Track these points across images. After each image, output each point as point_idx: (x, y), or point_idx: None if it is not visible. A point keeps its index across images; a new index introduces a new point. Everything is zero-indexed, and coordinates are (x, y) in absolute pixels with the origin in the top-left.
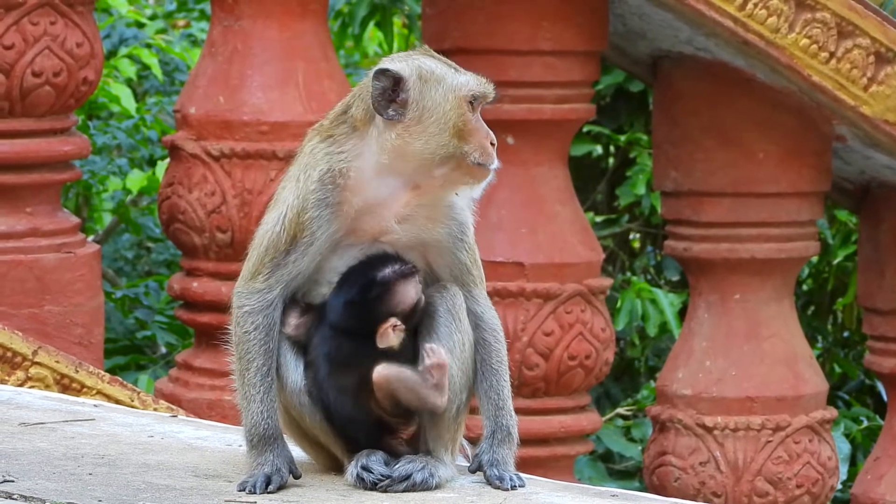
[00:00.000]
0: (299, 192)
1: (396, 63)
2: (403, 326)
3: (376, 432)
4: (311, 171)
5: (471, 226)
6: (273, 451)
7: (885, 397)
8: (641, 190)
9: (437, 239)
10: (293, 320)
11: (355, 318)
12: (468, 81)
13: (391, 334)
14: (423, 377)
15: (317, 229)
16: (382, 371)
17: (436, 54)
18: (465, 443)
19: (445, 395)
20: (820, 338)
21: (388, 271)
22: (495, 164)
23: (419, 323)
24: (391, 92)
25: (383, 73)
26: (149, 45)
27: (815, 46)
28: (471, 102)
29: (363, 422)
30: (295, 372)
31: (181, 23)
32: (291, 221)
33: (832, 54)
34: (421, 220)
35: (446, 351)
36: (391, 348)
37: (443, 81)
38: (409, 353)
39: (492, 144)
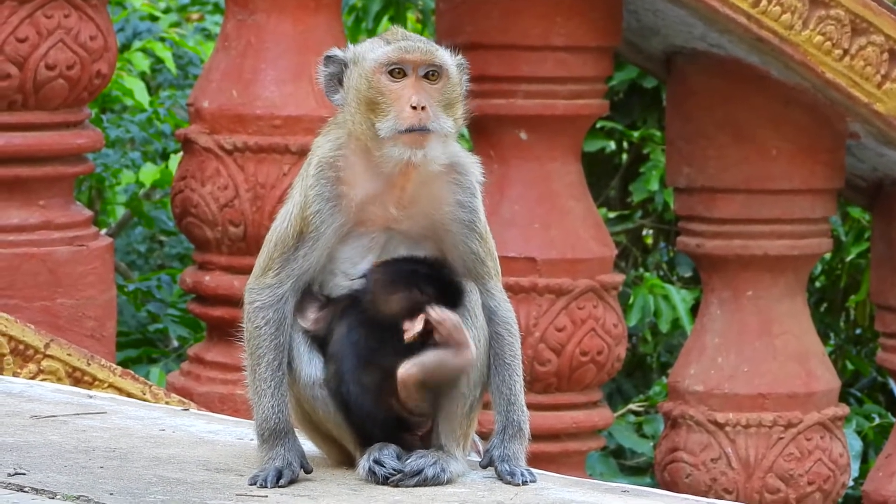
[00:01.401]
0: (302, 188)
1: (347, 49)
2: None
3: (392, 428)
4: (308, 166)
5: (482, 213)
6: (284, 446)
7: None
8: (654, 186)
9: (447, 226)
10: (312, 314)
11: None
12: (379, 52)
13: (414, 324)
14: (444, 343)
15: (321, 224)
16: (407, 370)
17: (396, 31)
18: (476, 438)
19: (472, 346)
20: (832, 335)
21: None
22: (418, 123)
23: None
24: (340, 78)
25: (328, 58)
26: (162, 39)
27: (828, 43)
28: (391, 72)
29: (381, 418)
30: (309, 365)
31: (195, 16)
32: (297, 217)
33: (846, 51)
34: (426, 206)
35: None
36: (419, 336)
37: (363, 58)
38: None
39: (414, 108)
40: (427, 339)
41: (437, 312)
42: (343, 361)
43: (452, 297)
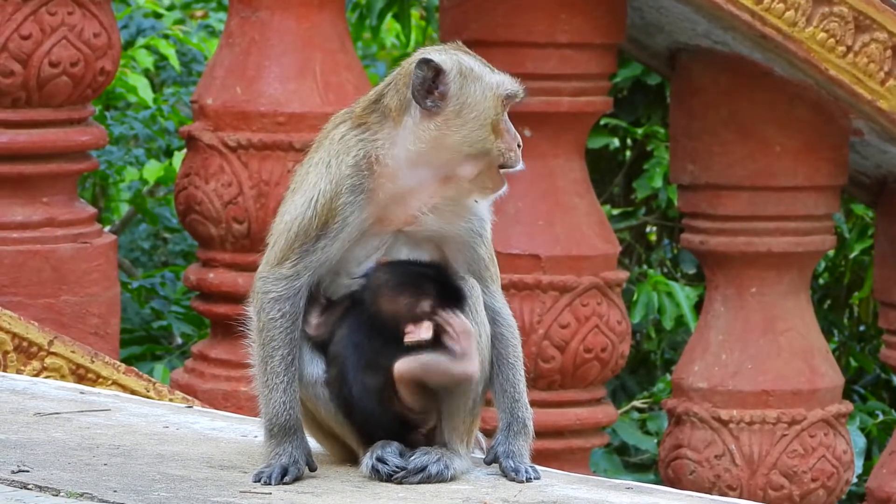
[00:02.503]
0: (332, 177)
1: (437, 55)
2: (430, 325)
3: (395, 427)
4: (344, 156)
5: (489, 222)
6: (292, 443)
7: None
8: (658, 183)
9: (458, 233)
10: (314, 320)
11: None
12: (504, 81)
13: (420, 329)
14: (450, 348)
15: (349, 215)
16: (402, 366)
17: (470, 51)
18: (480, 435)
19: (476, 361)
20: (836, 332)
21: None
22: (520, 165)
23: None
24: (431, 83)
25: (426, 63)
26: (166, 36)
27: (832, 40)
28: (503, 102)
29: (384, 418)
30: (311, 364)
31: (199, 13)
32: (324, 207)
33: (849, 48)
34: (446, 214)
35: (469, 320)
36: (421, 342)
37: (482, 78)
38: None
39: (518, 147)
40: (427, 346)
41: (451, 316)
42: (345, 362)
43: (456, 304)
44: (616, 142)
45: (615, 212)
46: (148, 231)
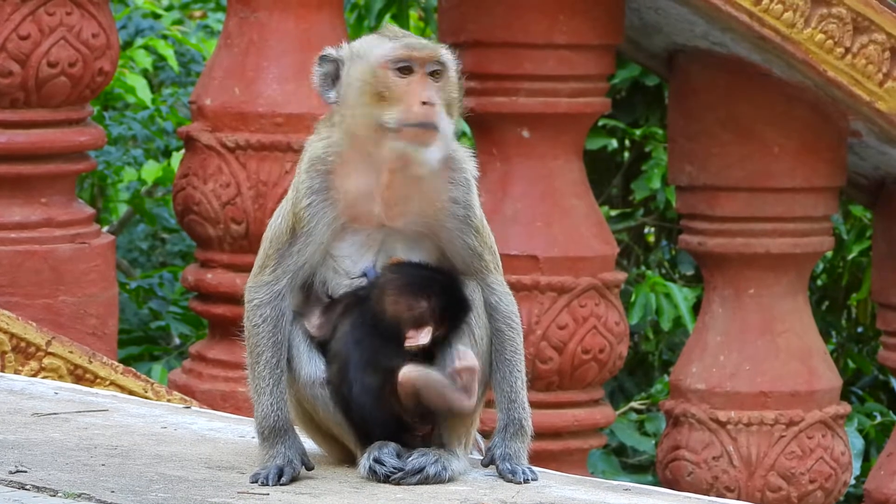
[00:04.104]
0: (296, 183)
1: (338, 48)
2: (430, 330)
3: (393, 428)
4: (301, 162)
5: (477, 208)
6: (285, 444)
7: None
8: (656, 184)
9: (442, 223)
10: (315, 320)
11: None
12: (388, 47)
13: (420, 335)
14: (452, 379)
15: (311, 217)
16: (409, 373)
17: (391, 29)
18: (478, 437)
19: (474, 398)
20: (834, 333)
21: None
22: (431, 121)
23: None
24: (334, 77)
25: (322, 58)
26: (165, 36)
27: (830, 42)
28: (399, 69)
29: (382, 419)
30: (309, 364)
31: (197, 14)
32: (289, 213)
33: (847, 50)
34: (418, 202)
35: (475, 353)
36: (420, 348)
37: (366, 54)
38: (433, 353)
39: (424, 104)
40: (427, 350)
41: (467, 355)
42: (346, 360)
43: (461, 312)
44: (614, 143)
45: (613, 213)
46: (146, 231)
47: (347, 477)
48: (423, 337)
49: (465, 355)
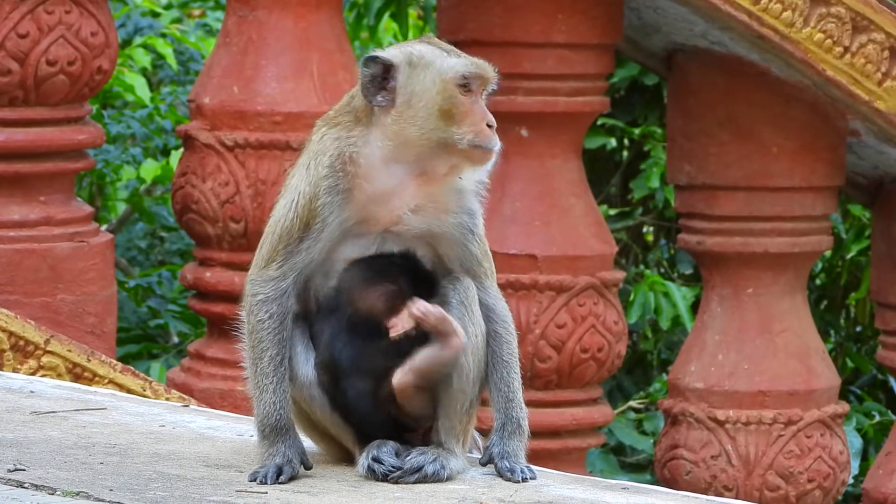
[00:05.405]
0: (310, 178)
1: (388, 50)
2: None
3: (391, 427)
4: (321, 157)
5: (480, 216)
6: (285, 442)
7: None
8: (655, 183)
9: (447, 231)
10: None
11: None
12: (456, 64)
13: (401, 320)
14: (433, 336)
15: (328, 215)
16: (401, 378)
17: (437, 41)
18: (476, 435)
19: (458, 332)
20: (832, 332)
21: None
22: (495, 145)
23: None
24: (381, 79)
25: (372, 59)
26: (164, 35)
27: (829, 41)
28: (463, 85)
29: (380, 420)
30: (305, 364)
31: (196, 12)
32: (304, 208)
33: (846, 49)
34: (431, 210)
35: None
36: (407, 333)
37: (431, 66)
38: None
39: (489, 126)
40: (412, 333)
41: (420, 307)
42: (335, 369)
43: (426, 287)
44: (613, 142)
45: (612, 212)
46: (145, 230)
47: (346, 476)
48: (406, 322)
49: (419, 306)
